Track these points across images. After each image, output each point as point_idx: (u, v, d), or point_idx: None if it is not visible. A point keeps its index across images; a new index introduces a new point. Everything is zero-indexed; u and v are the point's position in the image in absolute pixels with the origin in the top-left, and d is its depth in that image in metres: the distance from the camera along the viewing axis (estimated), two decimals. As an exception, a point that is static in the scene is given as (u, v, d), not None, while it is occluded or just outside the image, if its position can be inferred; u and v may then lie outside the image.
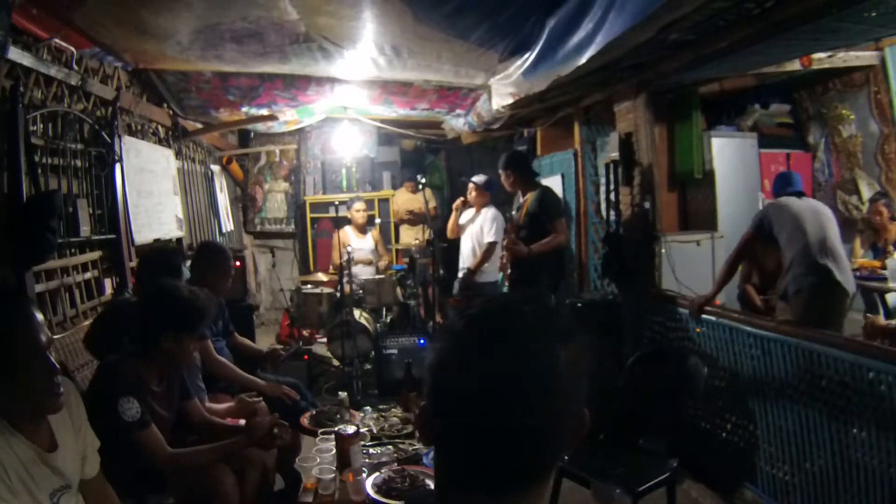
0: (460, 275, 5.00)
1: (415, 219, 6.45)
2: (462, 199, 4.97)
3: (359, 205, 5.71)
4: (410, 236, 6.37)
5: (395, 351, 4.07)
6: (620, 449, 2.44)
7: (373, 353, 4.51)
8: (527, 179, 4.06)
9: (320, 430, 2.30)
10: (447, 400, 0.67)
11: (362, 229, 5.80)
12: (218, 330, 3.05)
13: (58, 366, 1.36)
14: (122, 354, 2.08)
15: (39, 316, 1.36)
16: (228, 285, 3.05)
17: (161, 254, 2.93)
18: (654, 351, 3.24)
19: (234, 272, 3.17)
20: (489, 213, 4.88)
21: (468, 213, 5.00)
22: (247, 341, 3.42)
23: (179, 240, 4.41)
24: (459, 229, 5.04)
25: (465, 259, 5.00)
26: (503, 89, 3.75)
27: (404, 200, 6.56)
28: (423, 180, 5.13)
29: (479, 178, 4.91)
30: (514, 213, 4.12)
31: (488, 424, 0.64)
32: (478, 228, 4.90)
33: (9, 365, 1.27)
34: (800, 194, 3.30)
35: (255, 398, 2.55)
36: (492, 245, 4.76)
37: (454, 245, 5.24)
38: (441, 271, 4.79)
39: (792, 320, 2.99)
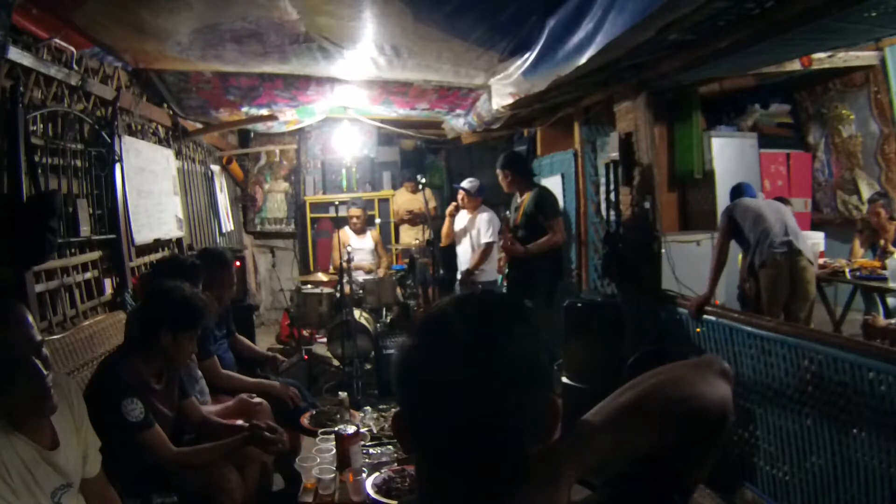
0: (459, 276, 5.07)
1: (415, 219, 6.46)
2: (455, 204, 5.05)
3: (354, 210, 5.72)
4: (410, 236, 6.38)
5: (395, 351, 4.05)
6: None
7: (373, 353, 4.51)
8: (524, 179, 4.07)
9: (320, 430, 2.30)
10: (419, 396, 0.67)
11: (360, 231, 5.81)
12: (222, 334, 3.04)
13: (44, 371, 1.32)
14: (122, 354, 2.09)
15: (29, 318, 1.34)
16: (232, 293, 3.02)
17: (177, 267, 2.81)
18: (654, 351, 3.23)
19: (235, 280, 3.11)
20: (484, 215, 4.96)
21: (463, 217, 5.07)
22: (247, 342, 3.41)
23: (179, 240, 4.42)
24: (454, 235, 5.13)
25: (465, 261, 5.07)
26: (503, 89, 3.75)
27: (404, 200, 6.56)
28: (423, 180, 5.14)
29: (467, 185, 5.00)
30: (510, 212, 4.13)
31: (464, 414, 0.63)
32: (475, 231, 4.97)
33: None
34: (753, 197, 3.80)
35: (255, 399, 2.55)
36: (489, 246, 4.83)
37: (454, 246, 5.29)
38: (441, 271, 4.81)
39: (765, 291, 3.59)
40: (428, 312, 0.71)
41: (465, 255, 5.13)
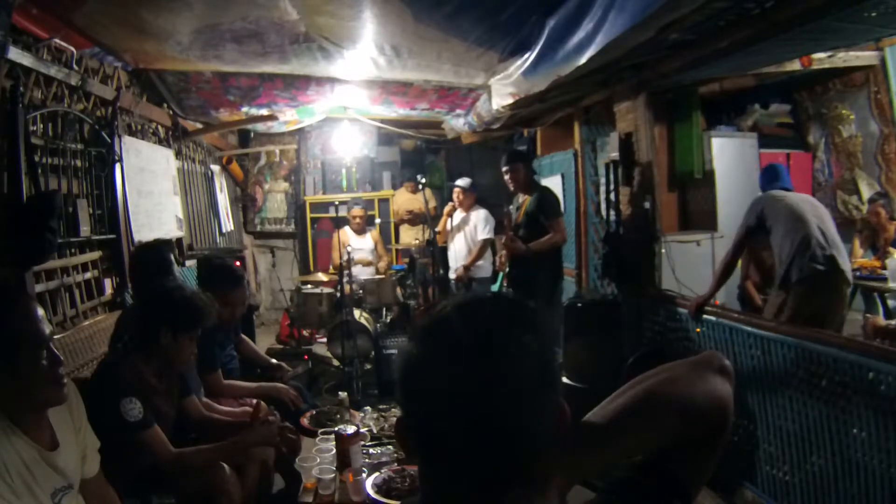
0: (451, 274, 5.14)
1: (415, 219, 6.47)
2: (453, 204, 5.11)
3: (356, 210, 5.72)
4: (410, 236, 6.39)
5: (395, 351, 4.07)
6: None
7: (373, 353, 4.51)
8: (531, 178, 4.07)
9: (320, 430, 2.30)
10: (424, 401, 0.66)
11: (361, 230, 5.81)
12: (229, 340, 3.02)
13: (61, 357, 1.36)
14: (121, 354, 2.09)
15: (40, 310, 1.36)
16: (244, 309, 2.94)
17: (151, 249, 2.87)
18: (654, 351, 3.23)
19: (247, 295, 2.98)
20: (480, 213, 5.05)
21: (458, 216, 5.17)
22: (252, 345, 3.37)
23: (179, 240, 4.41)
24: (447, 234, 5.20)
25: (459, 258, 5.12)
26: (503, 89, 3.75)
27: (404, 200, 6.56)
28: (423, 180, 5.16)
29: (462, 182, 5.10)
30: (512, 209, 4.14)
31: (470, 420, 0.62)
32: (472, 227, 5.04)
33: (12, 356, 1.27)
34: (787, 190, 3.34)
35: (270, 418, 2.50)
36: (486, 242, 4.90)
37: (446, 244, 5.37)
38: (441, 271, 4.84)
39: (790, 309, 3.11)
40: (431, 315, 0.70)
41: (459, 253, 5.18)
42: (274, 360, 3.28)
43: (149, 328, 2.04)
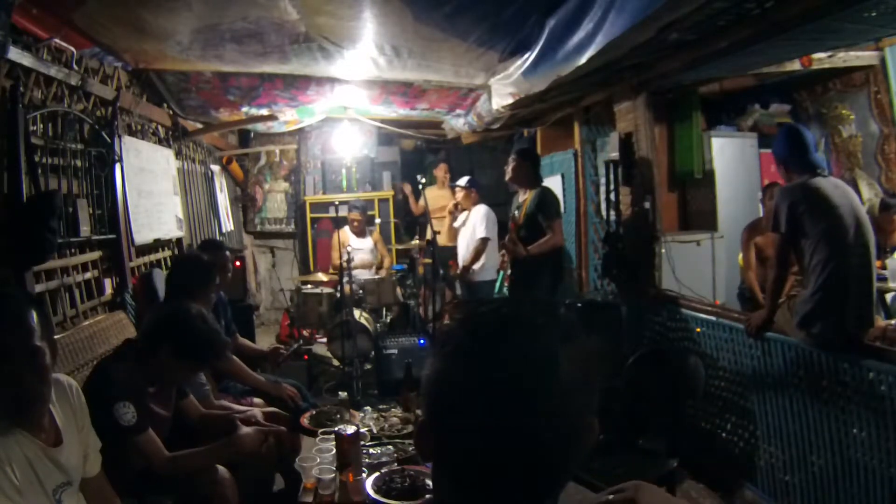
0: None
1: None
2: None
3: (353, 214, 5.68)
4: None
5: (395, 351, 4.07)
6: (620, 449, 2.44)
7: (373, 353, 4.51)
8: (533, 177, 4.04)
9: (320, 430, 2.30)
10: (450, 409, 0.64)
11: (360, 232, 5.78)
12: (220, 328, 3.02)
13: (35, 382, 1.31)
14: (118, 357, 2.08)
15: (32, 321, 1.31)
16: (227, 278, 3.08)
17: (201, 265, 2.79)
18: (654, 351, 3.23)
19: (228, 265, 3.17)
20: (480, 210, 4.99)
21: (462, 215, 5.12)
22: (248, 342, 3.41)
23: (179, 240, 4.41)
24: (455, 233, 5.15)
25: (463, 257, 5.10)
26: (503, 89, 3.75)
27: (433, 197, 5.63)
28: (423, 180, 5.15)
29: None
30: (515, 211, 4.13)
31: (497, 434, 0.61)
32: (471, 227, 4.99)
33: None
34: (818, 169, 2.57)
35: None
36: (484, 240, 4.80)
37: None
38: (442, 271, 4.83)
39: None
40: (470, 318, 0.68)
41: (462, 252, 5.15)
42: (267, 347, 3.31)
43: (153, 340, 2.03)
